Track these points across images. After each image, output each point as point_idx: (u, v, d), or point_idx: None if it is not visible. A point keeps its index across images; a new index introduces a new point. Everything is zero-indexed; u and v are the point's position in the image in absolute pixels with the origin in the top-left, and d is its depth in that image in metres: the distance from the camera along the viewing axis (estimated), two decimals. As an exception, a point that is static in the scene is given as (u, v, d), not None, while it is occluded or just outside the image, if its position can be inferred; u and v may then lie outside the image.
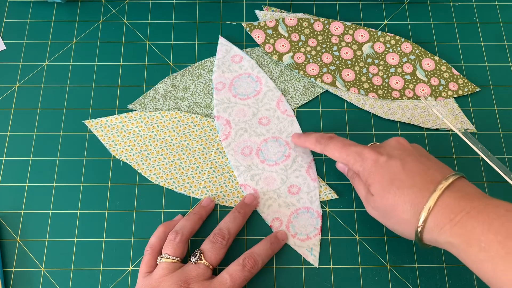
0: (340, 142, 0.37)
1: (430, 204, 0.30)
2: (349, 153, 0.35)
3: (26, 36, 0.47)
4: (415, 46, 0.47)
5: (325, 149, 0.38)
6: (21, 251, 0.40)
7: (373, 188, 0.33)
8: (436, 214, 0.30)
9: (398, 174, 0.32)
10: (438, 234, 0.29)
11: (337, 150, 0.36)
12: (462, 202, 0.29)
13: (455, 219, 0.29)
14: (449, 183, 0.30)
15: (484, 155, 0.42)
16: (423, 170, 0.32)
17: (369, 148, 0.35)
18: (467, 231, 0.28)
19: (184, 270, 0.35)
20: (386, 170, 0.33)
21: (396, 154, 0.34)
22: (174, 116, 0.44)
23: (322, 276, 0.39)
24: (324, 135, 0.39)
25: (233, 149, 0.43)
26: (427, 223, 0.30)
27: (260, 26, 0.47)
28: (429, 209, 0.30)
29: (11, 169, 0.42)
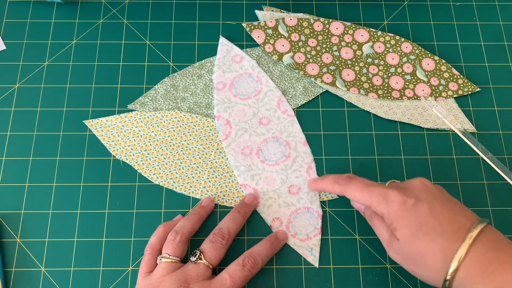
0: (360, 183, 0.35)
1: (461, 253, 0.29)
2: (372, 194, 0.34)
3: (26, 36, 0.47)
4: (415, 46, 0.47)
5: (344, 190, 0.36)
6: (21, 251, 0.40)
7: (400, 232, 0.32)
8: (467, 264, 0.29)
9: (426, 219, 0.31)
10: (470, 284, 0.29)
11: (358, 191, 0.35)
12: (494, 252, 0.29)
13: (487, 271, 0.28)
14: (479, 231, 0.30)
15: (484, 155, 0.42)
16: (451, 216, 0.31)
17: (393, 190, 0.33)
18: (502, 283, 0.28)
19: (184, 270, 0.35)
20: (413, 214, 0.32)
21: (423, 197, 0.33)
22: (174, 116, 0.44)
23: (322, 276, 0.39)
24: (342, 176, 0.37)
25: (233, 149, 0.43)
26: (457, 272, 0.29)
27: (260, 26, 0.47)
28: (460, 258, 0.29)
29: (11, 169, 0.42)
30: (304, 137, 0.44)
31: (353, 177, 0.37)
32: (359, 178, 0.36)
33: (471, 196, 0.42)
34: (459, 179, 0.43)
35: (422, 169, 0.43)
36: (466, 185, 0.43)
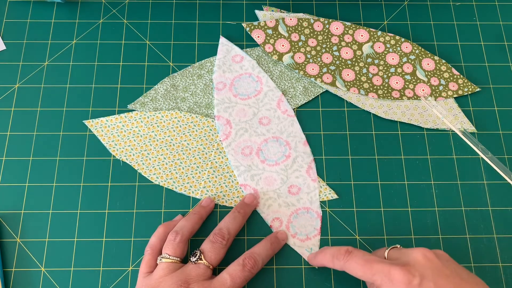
0: (361, 259, 0.33)
1: None
2: (374, 272, 0.32)
3: (26, 36, 0.47)
4: (415, 46, 0.47)
5: (345, 266, 0.34)
6: (21, 251, 0.40)
7: None
8: None
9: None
10: None
11: (359, 269, 0.33)
12: None
13: None
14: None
15: (484, 155, 0.42)
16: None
17: (397, 268, 0.32)
18: None
19: (184, 270, 0.35)
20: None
21: (428, 275, 0.31)
22: (174, 116, 0.44)
23: (322, 276, 0.39)
24: (340, 250, 0.35)
25: (233, 149, 0.43)
26: None
27: (260, 26, 0.47)
28: None
29: (11, 169, 0.42)
30: (304, 137, 0.44)
31: (352, 252, 0.35)
32: (358, 252, 0.35)
33: (471, 196, 0.42)
34: (459, 179, 0.43)
35: (422, 169, 0.43)
36: (466, 185, 0.43)
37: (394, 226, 0.41)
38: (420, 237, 0.41)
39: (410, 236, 0.41)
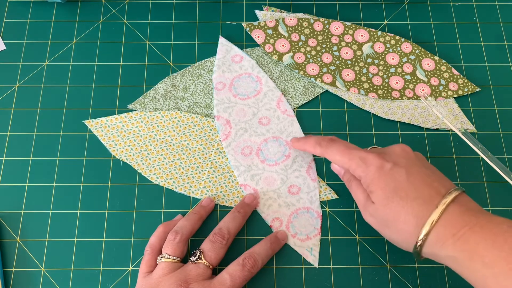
0: (342, 145, 0.36)
1: (433, 218, 0.29)
2: (351, 157, 0.34)
3: (26, 36, 0.47)
4: (415, 46, 0.47)
5: (325, 152, 0.37)
6: (21, 251, 0.40)
7: (375, 195, 0.33)
8: (439, 228, 0.29)
9: (402, 184, 0.32)
10: (439, 248, 0.29)
11: (338, 154, 0.35)
12: (465, 217, 0.29)
13: (458, 234, 0.29)
14: (453, 198, 0.30)
15: (484, 155, 0.42)
16: (427, 183, 0.32)
17: (373, 154, 0.34)
18: (470, 246, 0.28)
19: (184, 270, 0.35)
20: (390, 178, 0.32)
21: (401, 162, 0.33)
22: (174, 116, 0.44)
23: (322, 276, 0.39)
24: (324, 138, 0.38)
25: (233, 149, 0.43)
26: (429, 236, 0.30)
27: (260, 26, 0.47)
28: (432, 223, 0.29)
29: (11, 169, 0.42)
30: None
31: (335, 140, 0.37)
32: (340, 140, 0.37)
33: (471, 196, 0.42)
34: (459, 179, 0.43)
35: (422, 169, 0.43)
36: (466, 185, 0.43)
37: (394, 226, 0.41)
38: (420, 237, 0.41)
39: (410, 236, 0.41)
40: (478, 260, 0.27)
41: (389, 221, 0.32)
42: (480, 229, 0.28)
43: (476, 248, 0.28)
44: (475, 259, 0.27)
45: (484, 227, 0.28)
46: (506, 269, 0.26)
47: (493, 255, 0.27)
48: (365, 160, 0.34)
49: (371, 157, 0.33)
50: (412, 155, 0.34)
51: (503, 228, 0.28)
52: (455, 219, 0.29)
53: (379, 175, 0.33)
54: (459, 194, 0.31)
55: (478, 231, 0.28)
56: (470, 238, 0.28)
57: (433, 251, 0.30)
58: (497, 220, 0.29)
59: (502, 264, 0.26)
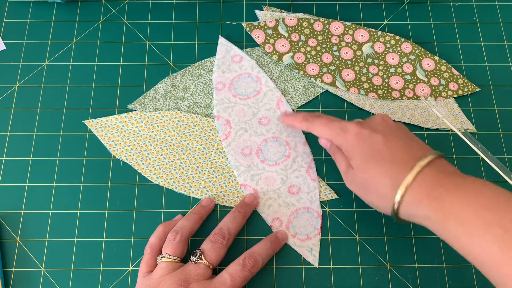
0: (325, 119, 0.38)
1: (408, 179, 0.30)
2: (332, 128, 0.36)
3: (26, 36, 0.47)
4: (415, 46, 0.47)
5: (311, 126, 0.38)
6: (21, 251, 0.40)
7: (354, 161, 0.34)
8: (414, 189, 0.30)
9: (379, 149, 0.33)
10: (415, 209, 0.30)
11: (322, 126, 0.37)
12: (440, 178, 0.30)
13: (432, 195, 0.29)
14: (429, 161, 0.31)
15: (484, 155, 0.42)
16: (404, 147, 0.33)
17: (352, 123, 0.36)
18: (445, 206, 0.28)
19: (184, 270, 0.35)
20: (368, 143, 0.34)
21: (379, 129, 0.34)
22: (174, 116, 0.44)
23: (322, 276, 0.39)
24: (311, 113, 0.40)
25: (233, 149, 0.43)
26: (404, 198, 0.30)
27: (260, 26, 0.47)
28: (408, 184, 0.30)
29: (11, 169, 0.42)
30: (304, 137, 0.44)
31: (320, 115, 0.39)
32: (325, 115, 0.39)
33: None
34: (459, 179, 0.43)
35: (422, 169, 0.43)
36: (466, 185, 0.42)
37: (394, 226, 0.41)
38: (420, 237, 0.41)
39: (410, 236, 0.41)
40: (451, 218, 0.28)
41: (367, 185, 0.33)
42: (454, 189, 0.29)
43: (450, 207, 0.28)
44: (449, 218, 0.28)
45: (458, 187, 0.29)
46: (477, 224, 0.27)
47: (466, 213, 0.27)
48: (344, 128, 0.35)
49: (350, 126, 0.35)
50: (391, 124, 0.35)
51: (476, 187, 0.28)
52: (430, 181, 0.30)
53: (357, 142, 0.34)
54: (436, 157, 0.32)
55: (452, 191, 0.29)
56: (444, 198, 0.29)
57: (409, 212, 0.31)
58: (471, 180, 0.29)
59: (474, 220, 0.27)
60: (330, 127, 0.36)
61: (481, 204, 0.27)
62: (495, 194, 0.28)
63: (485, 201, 0.27)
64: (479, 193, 0.28)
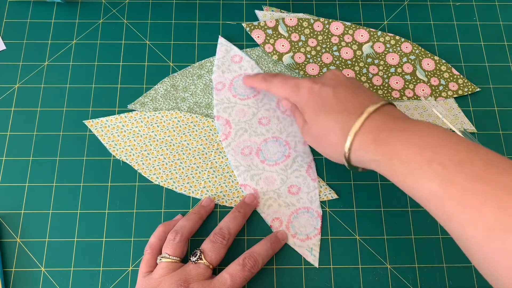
0: (282, 77, 0.39)
1: (356, 126, 0.31)
2: (288, 85, 0.38)
3: (26, 36, 0.47)
4: (415, 46, 0.47)
5: (270, 86, 0.40)
6: (21, 251, 0.40)
7: (307, 114, 0.36)
8: (361, 135, 0.31)
9: (329, 100, 0.34)
10: (363, 154, 0.31)
11: (279, 85, 0.39)
12: (387, 124, 0.31)
13: (378, 139, 0.30)
14: (377, 108, 0.32)
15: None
16: (353, 97, 0.34)
17: (305, 79, 0.37)
18: (389, 148, 0.29)
19: (184, 270, 0.35)
20: (318, 97, 0.35)
21: (329, 83, 0.36)
22: (174, 116, 0.44)
23: (322, 276, 0.39)
24: (269, 73, 0.42)
25: (233, 149, 0.43)
26: (354, 144, 0.32)
27: (260, 26, 0.47)
28: (356, 131, 0.31)
29: (11, 169, 0.42)
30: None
31: (278, 74, 0.41)
32: (283, 74, 0.41)
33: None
34: (459, 179, 0.43)
35: (422, 169, 0.43)
36: (466, 185, 0.42)
37: (394, 226, 0.41)
38: (420, 237, 0.41)
39: (410, 236, 0.41)
40: (396, 159, 0.29)
41: (320, 136, 0.35)
42: (398, 131, 0.30)
43: (394, 149, 0.29)
44: (394, 159, 0.29)
45: (402, 130, 0.30)
46: (418, 163, 0.28)
47: (408, 152, 0.28)
48: (298, 85, 0.37)
49: (303, 82, 0.37)
50: (341, 77, 0.37)
51: (419, 128, 0.29)
52: (377, 126, 0.31)
53: (309, 96, 0.36)
54: (385, 105, 0.33)
55: (396, 134, 0.30)
56: (389, 141, 0.30)
57: (359, 157, 0.32)
58: (415, 123, 0.30)
59: (415, 160, 0.28)
60: (286, 85, 0.38)
61: (422, 144, 0.28)
62: (436, 134, 0.29)
63: (426, 141, 0.28)
64: (421, 134, 0.29)
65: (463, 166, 0.26)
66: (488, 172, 0.25)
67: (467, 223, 0.25)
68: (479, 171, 0.25)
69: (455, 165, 0.26)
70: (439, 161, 0.27)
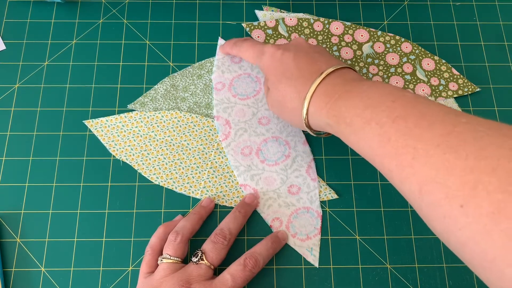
0: (250, 42, 0.40)
1: (311, 91, 0.32)
2: (255, 50, 0.39)
3: (26, 36, 0.47)
4: (415, 46, 0.47)
5: (240, 51, 0.41)
6: (21, 251, 0.40)
7: (269, 81, 0.36)
8: (315, 100, 0.32)
9: (289, 66, 0.35)
10: (319, 117, 0.32)
11: (248, 49, 0.40)
12: (337, 87, 0.31)
13: (330, 102, 0.31)
14: (331, 72, 0.32)
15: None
16: (311, 63, 0.34)
17: (269, 44, 0.38)
18: (338, 111, 0.30)
19: (186, 270, 0.35)
20: (280, 63, 0.36)
21: (291, 49, 0.36)
22: (174, 116, 0.44)
23: (322, 276, 0.39)
24: (240, 38, 0.43)
25: (233, 149, 0.43)
26: (309, 108, 0.32)
27: (260, 26, 0.47)
28: (311, 95, 0.32)
29: (11, 169, 0.42)
30: (304, 137, 0.44)
31: (248, 39, 0.42)
32: (252, 39, 0.42)
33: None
34: (459, 179, 0.43)
35: (422, 169, 0.43)
36: (466, 185, 0.43)
37: (394, 226, 0.41)
38: (420, 237, 0.41)
39: (410, 236, 0.41)
40: (342, 122, 0.30)
41: (281, 102, 0.35)
42: (345, 94, 0.30)
43: (341, 112, 0.30)
44: (340, 122, 0.30)
45: (349, 92, 0.30)
46: (360, 123, 0.28)
47: (351, 115, 0.29)
48: (262, 51, 0.38)
49: (267, 48, 0.37)
50: (303, 43, 0.37)
51: (363, 89, 0.30)
52: (330, 90, 0.32)
53: (271, 62, 0.36)
54: (341, 68, 0.33)
55: (344, 97, 0.30)
56: (337, 104, 0.30)
57: (316, 122, 0.33)
58: (362, 84, 0.31)
59: (358, 121, 0.29)
60: (253, 50, 0.39)
61: (364, 105, 0.29)
62: (377, 93, 0.29)
63: (368, 102, 0.29)
64: (364, 95, 0.29)
65: (398, 123, 0.26)
66: (419, 126, 0.25)
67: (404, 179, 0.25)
68: (412, 127, 0.25)
69: (392, 123, 0.26)
70: (377, 120, 0.27)
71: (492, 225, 0.20)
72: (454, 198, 0.22)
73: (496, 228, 0.20)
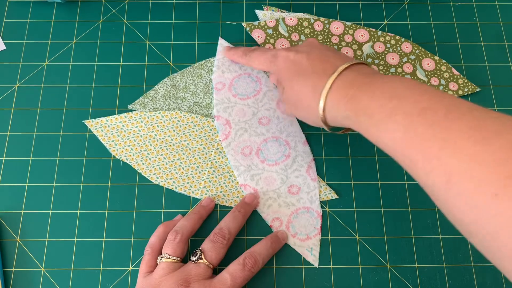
0: (260, 50, 0.41)
1: (328, 85, 0.32)
2: (266, 57, 0.39)
3: (26, 36, 0.47)
4: (415, 46, 0.47)
5: (250, 60, 0.41)
6: (21, 251, 0.40)
7: (284, 82, 0.37)
8: (333, 94, 0.32)
9: (303, 65, 0.35)
10: (336, 112, 0.32)
11: (258, 57, 0.40)
12: (356, 80, 0.31)
13: (348, 95, 0.31)
14: (347, 66, 0.32)
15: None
16: (325, 60, 0.35)
17: (281, 49, 0.38)
18: (357, 103, 0.30)
19: (185, 270, 0.35)
20: (293, 63, 0.36)
21: (303, 49, 0.37)
22: (174, 116, 0.44)
23: (322, 276, 0.39)
24: (249, 48, 0.43)
25: (233, 149, 0.43)
26: (326, 103, 0.32)
27: (260, 26, 0.47)
28: (328, 90, 0.32)
29: (11, 169, 0.42)
30: (304, 137, 0.44)
31: (257, 48, 0.42)
32: (261, 47, 0.42)
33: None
34: (459, 179, 0.43)
35: (422, 169, 0.43)
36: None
37: (394, 226, 0.41)
38: (420, 237, 0.41)
39: (410, 236, 0.41)
40: (362, 114, 0.30)
41: (297, 101, 0.35)
42: (365, 86, 0.30)
43: (361, 104, 0.30)
44: (360, 114, 0.30)
45: (369, 85, 0.30)
46: (381, 115, 0.28)
47: (372, 106, 0.29)
48: (275, 56, 0.38)
49: (279, 52, 0.38)
50: (316, 43, 0.38)
51: (385, 81, 0.30)
52: (347, 84, 0.32)
53: (284, 64, 0.37)
54: (356, 64, 0.33)
55: (363, 90, 0.30)
56: (356, 97, 0.30)
57: (333, 116, 0.33)
58: (383, 77, 0.31)
59: (379, 112, 0.28)
60: (265, 57, 0.39)
61: (387, 96, 0.28)
62: (401, 86, 0.29)
63: (391, 93, 0.28)
64: (386, 87, 0.29)
65: (425, 114, 0.26)
66: (448, 118, 0.25)
67: (429, 170, 0.25)
68: (440, 118, 0.25)
69: (418, 114, 0.26)
70: (402, 111, 0.27)
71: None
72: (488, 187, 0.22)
73: None
